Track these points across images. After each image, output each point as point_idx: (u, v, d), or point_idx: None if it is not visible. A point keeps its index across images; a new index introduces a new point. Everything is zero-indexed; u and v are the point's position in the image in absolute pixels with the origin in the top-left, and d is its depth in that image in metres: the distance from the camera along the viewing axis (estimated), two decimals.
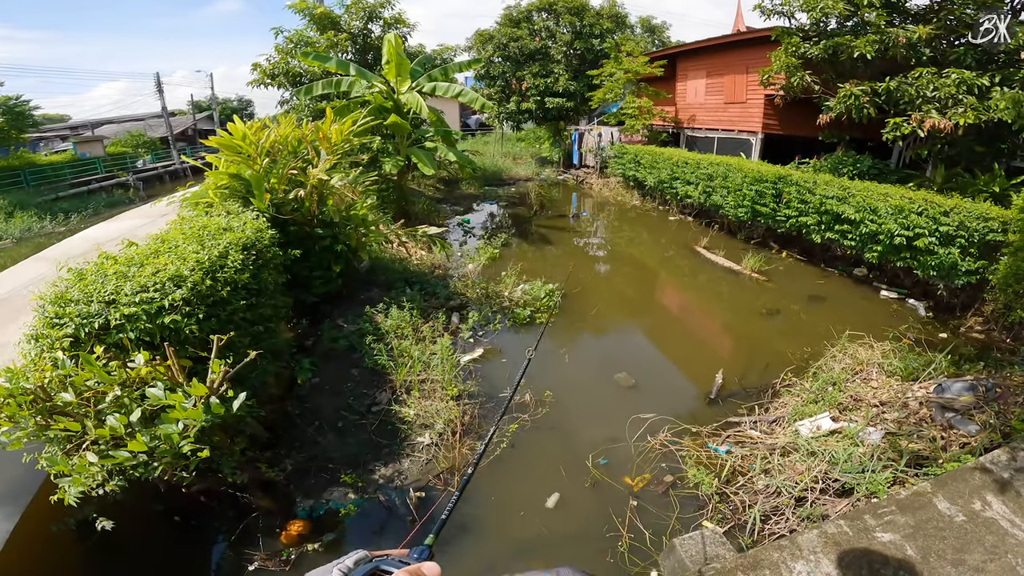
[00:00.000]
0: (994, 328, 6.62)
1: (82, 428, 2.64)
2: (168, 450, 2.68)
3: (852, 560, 2.54)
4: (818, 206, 8.83)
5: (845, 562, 2.53)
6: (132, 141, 29.34)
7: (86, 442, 2.66)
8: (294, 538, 3.48)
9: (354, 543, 3.58)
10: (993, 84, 7.51)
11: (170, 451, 2.69)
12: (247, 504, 3.65)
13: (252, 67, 13.85)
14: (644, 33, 25.12)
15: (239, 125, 5.35)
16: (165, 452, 2.68)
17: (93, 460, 2.55)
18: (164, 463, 2.72)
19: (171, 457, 2.71)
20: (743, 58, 13.59)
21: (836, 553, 2.59)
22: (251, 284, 3.99)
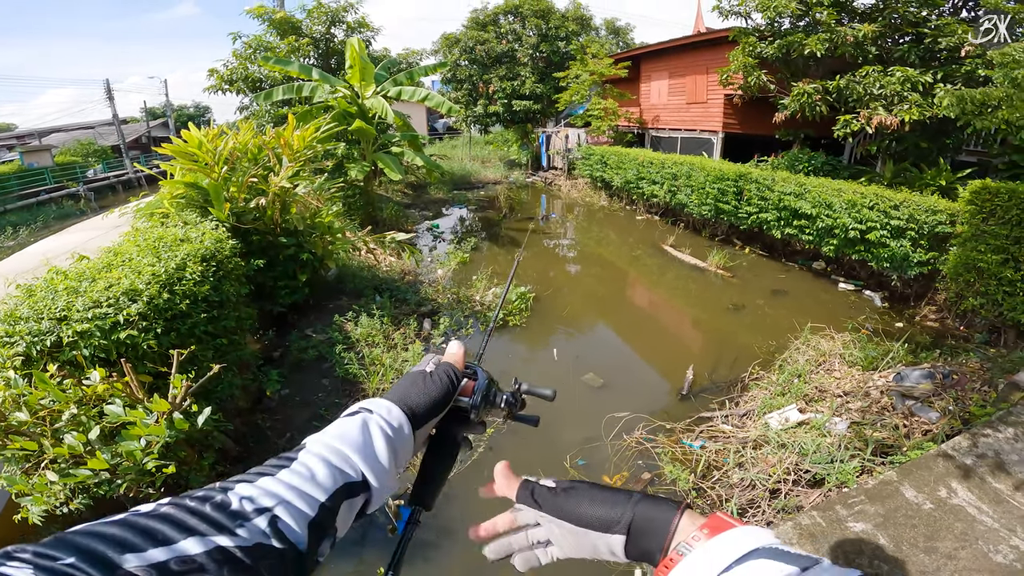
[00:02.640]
0: (947, 316, 6.94)
1: (39, 447, 2.54)
2: (131, 467, 2.61)
3: (827, 552, 2.61)
4: (777, 202, 9.10)
5: (821, 554, 2.59)
6: (82, 150, 28.07)
7: (45, 461, 2.56)
8: None
9: (333, 554, 3.49)
10: (936, 81, 7.89)
11: (133, 468, 2.63)
12: None
13: (209, 73, 13.46)
14: (609, 35, 25.55)
15: (195, 132, 5.17)
16: (128, 469, 2.61)
17: (54, 479, 2.48)
18: (128, 480, 2.66)
19: (135, 474, 2.65)
20: (703, 59, 13.93)
21: (812, 545, 2.65)
22: (212, 296, 3.86)
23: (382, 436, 0.58)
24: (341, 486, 0.52)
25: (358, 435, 0.57)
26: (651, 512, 0.55)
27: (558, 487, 0.62)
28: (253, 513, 0.44)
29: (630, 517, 0.55)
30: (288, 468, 0.51)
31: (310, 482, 0.50)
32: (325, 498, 0.50)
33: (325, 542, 0.51)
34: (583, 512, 0.58)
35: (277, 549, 0.44)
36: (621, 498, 0.57)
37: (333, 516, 0.51)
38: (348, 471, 0.54)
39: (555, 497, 0.60)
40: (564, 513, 0.59)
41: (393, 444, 0.59)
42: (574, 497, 0.59)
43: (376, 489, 0.56)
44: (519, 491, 0.64)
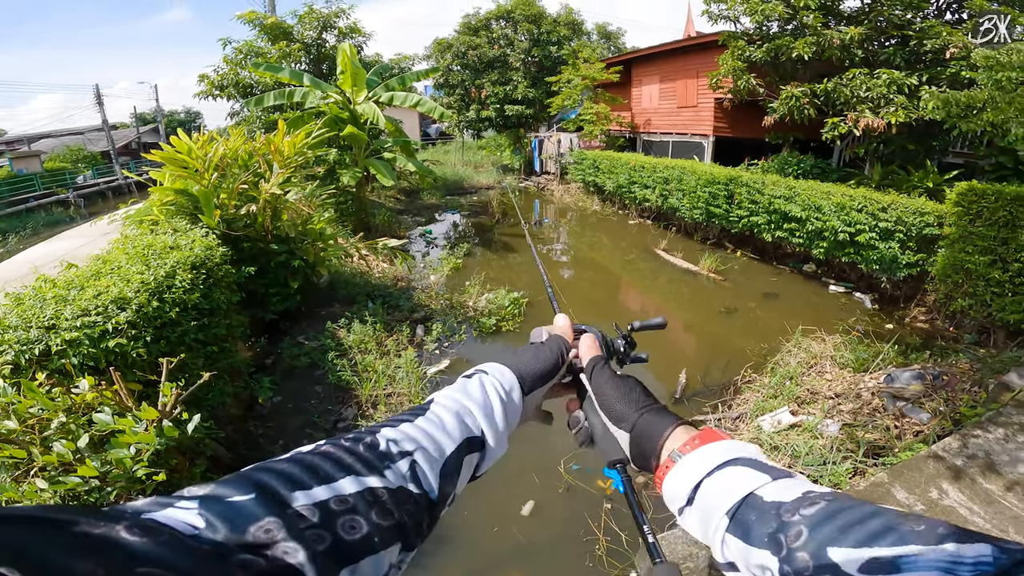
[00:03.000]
0: (937, 317, 7.00)
1: (28, 455, 2.54)
2: (121, 475, 2.60)
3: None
4: (767, 206, 9.17)
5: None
6: (72, 156, 27.85)
7: (34, 468, 2.55)
8: None
9: None
10: (921, 83, 7.99)
11: (123, 475, 2.62)
12: None
13: (199, 78, 13.39)
14: (600, 40, 25.70)
15: (184, 138, 5.14)
16: (118, 477, 2.60)
17: (43, 486, 2.47)
18: (119, 487, 2.66)
19: (125, 481, 2.65)
20: (694, 63, 14.05)
21: None
22: (202, 304, 3.83)
23: (497, 397, 0.60)
24: (464, 440, 0.54)
25: (479, 393, 0.60)
26: (653, 417, 0.62)
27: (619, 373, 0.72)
28: (398, 456, 0.46)
29: (636, 418, 0.62)
30: (424, 416, 0.53)
31: (442, 431, 0.52)
32: (452, 449, 0.52)
33: (450, 493, 0.51)
34: (608, 398, 0.66)
35: (414, 494, 0.45)
36: (636, 402, 0.64)
37: (458, 469, 0.52)
38: (470, 426, 0.56)
39: (604, 379, 0.69)
40: (600, 391, 0.68)
41: (505, 407, 0.61)
42: (612, 387, 0.67)
43: (490, 448, 0.58)
44: (592, 358, 0.73)
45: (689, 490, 0.54)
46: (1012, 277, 5.77)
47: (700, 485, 0.53)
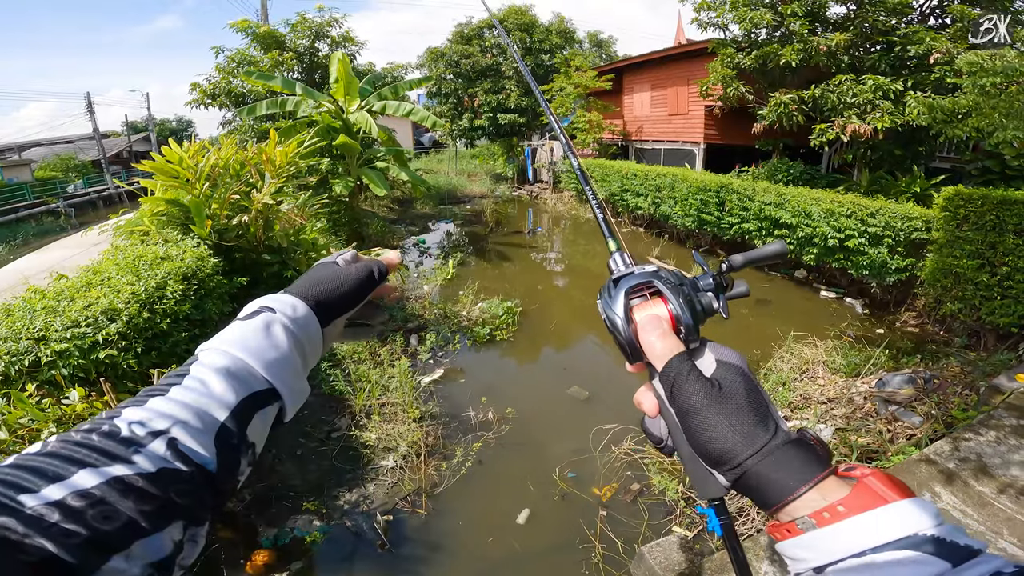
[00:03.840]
0: (927, 321, 7.07)
1: None
2: None
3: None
4: (758, 212, 9.25)
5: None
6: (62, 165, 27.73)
7: None
8: (260, 568, 3.34)
9: (324, 569, 3.49)
10: (906, 89, 8.11)
11: None
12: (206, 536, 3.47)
13: (191, 87, 13.38)
14: (592, 48, 25.96)
15: (175, 148, 5.12)
16: None
17: None
18: None
19: None
20: (684, 70, 14.20)
21: None
22: (194, 315, 3.82)
23: (288, 337, 0.52)
24: (246, 398, 0.47)
25: (261, 339, 0.50)
26: (777, 466, 0.43)
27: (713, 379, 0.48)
28: (147, 438, 0.40)
29: (747, 464, 0.43)
30: (180, 385, 0.45)
31: (207, 397, 0.45)
32: (227, 414, 0.45)
33: (241, 460, 0.46)
34: (700, 428, 0.46)
35: (184, 472, 0.40)
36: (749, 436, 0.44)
37: (242, 430, 0.46)
38: (251, 381, 0.48)
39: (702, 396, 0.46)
40: (687, 421, 0.47)
41: (301, 345, 0.53)
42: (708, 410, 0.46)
43: (287, 396, 0.51)
44: (669, 364, 0.49)
45: (820, 564, 0.40)
46: (1000, 280, 5.84)
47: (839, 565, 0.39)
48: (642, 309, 0.53)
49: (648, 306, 0.53)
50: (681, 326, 0.51)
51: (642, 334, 0.51)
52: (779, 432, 0.45)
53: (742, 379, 0.47)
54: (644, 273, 0.55)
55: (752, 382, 0.48)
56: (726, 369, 0.48)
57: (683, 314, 0.51)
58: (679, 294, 0.52)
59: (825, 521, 0.40)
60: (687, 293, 0.53)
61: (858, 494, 0.41)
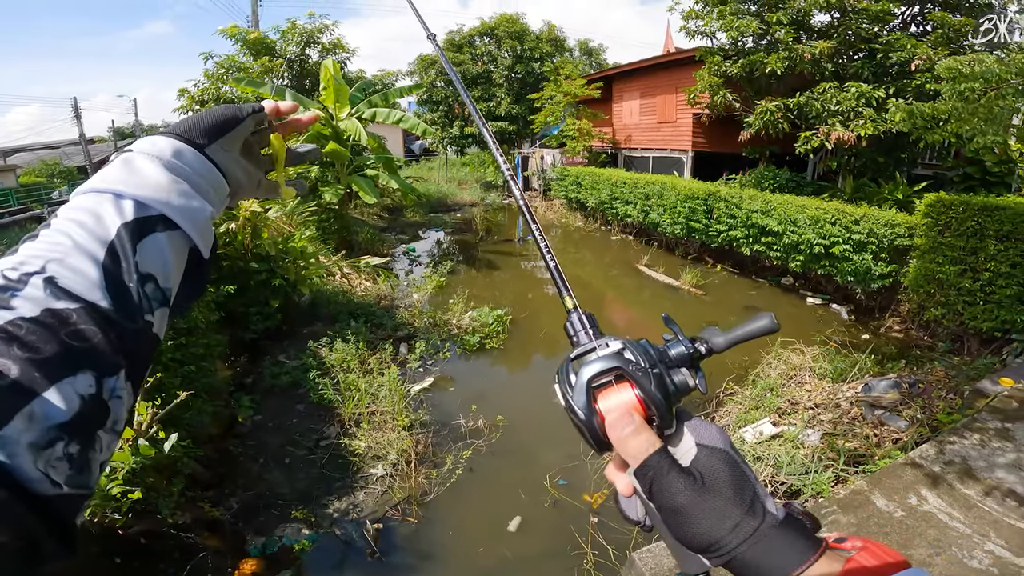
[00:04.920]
0: (911, 327, 7.16)
1: None
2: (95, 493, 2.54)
3: None
4: (745, 220, 9.34)
5: None
6: (47, 171, 27.40)
7: None
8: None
9: None
10: (888, 96, 8.26)
11: (98, 494, 2.58)
12: (193, 544, 3.43)
13: (179, 93, 13.30)
14: (582, 56, 26.20)
15: None
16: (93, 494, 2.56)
17: None
18: (93, 505, 2.65)
19: (99, 499, 2.62)
20: (672, 78, 14.35)
21: None
22: (179, 323, 3.77)
23: (155, 164, 0.48)
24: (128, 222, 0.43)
25: (122, 172, 0.47)
26: (763, 558, 0.41)
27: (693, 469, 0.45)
28: (19, 282, 0.36)
29: (736, 550, 0.41)
30: (49, 227, 0.42)
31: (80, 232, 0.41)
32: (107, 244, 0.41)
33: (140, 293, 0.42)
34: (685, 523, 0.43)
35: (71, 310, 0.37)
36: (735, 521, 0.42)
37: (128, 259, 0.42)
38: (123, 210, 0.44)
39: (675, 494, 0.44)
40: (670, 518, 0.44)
41: (176, 170, 0.49)
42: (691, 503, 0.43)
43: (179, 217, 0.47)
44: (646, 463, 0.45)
45: None
46: (983, 286, 5.94)
47: None
48: (607, 397, 0.48)
49: (613, 392, 0.47)
50: (653, 413, 0.46)
51: (611, 431, 0.47)
52: (767, 515, 0.43)
53: (726, 465, 0.45)
54: (608, 356, 0.49)
55: (736, 466, 0.45)
56: (709, 455, 0.46)
57: (654, 400, 0.46)
58: (650, 378, 0.47)
59: None
60: (658, 373, 0.48)
61: (852, 569, 0.40)
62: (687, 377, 0.48)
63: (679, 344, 0.51)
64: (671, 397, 0.47)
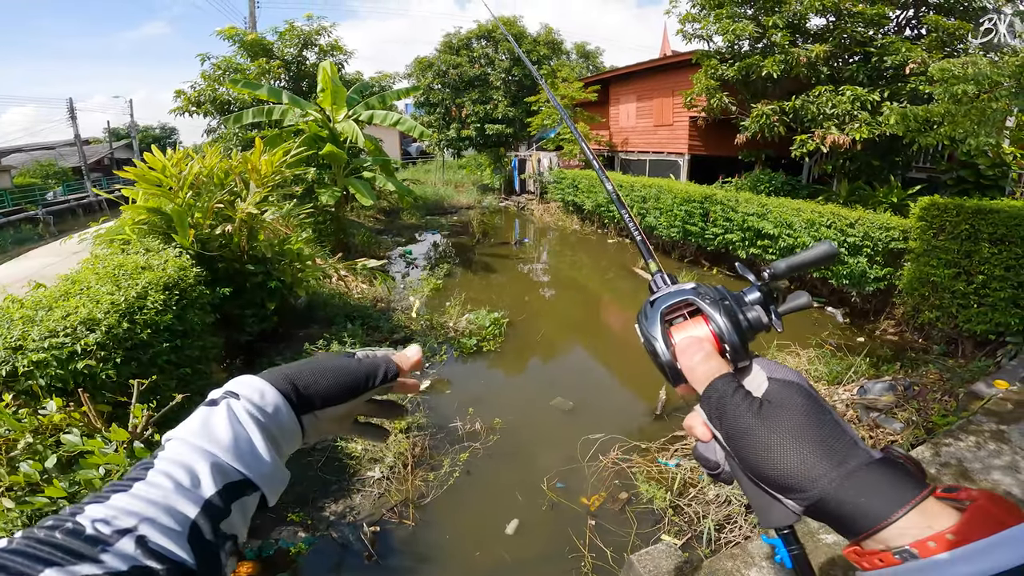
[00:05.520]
0: (906, 329, 7.20)
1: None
2: None
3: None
4: (741, 223, 9.37)
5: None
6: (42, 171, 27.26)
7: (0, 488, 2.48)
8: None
9: None
10: (883, 99, 8.31)
11: None
12: None
13: (176, 94, 13.25)
14: (579, 59, 26.22)
15: (158, 156, 5.07)
16: None
17: (10, 506, 2.42)
18: None
19: None
20: (669, 81, 14.41)
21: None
22: (175, 325, 3.75)
23: (255, 425, 0.50)
24: (218, 491, 0.45)
25: (225, 427, 0.48)
26: (859, 497, 0.38)
27: (764, 399, 0.44)
28: (114, 536, 0.38)
29: (824, 489, 0.39)
30: (144, 480, 0.44)
31: (175, 493, 0.43)
32: (198, 510, 0.43)
33: (221, 554, 0.44)
34: (758, 455, 0.42)
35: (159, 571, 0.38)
36: (822, 459, 0.39)
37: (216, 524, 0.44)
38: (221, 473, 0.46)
39: (750, 416, 0.43)
40: (738, 444, 0.43)
41: (270, 431, 0.51)
42: (764, 433, 0.42)
43: (263, 484, 0.49)
44: (712, 385, 0.46)
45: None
46: (976, 289, 5.98)
47: None
48: (681, 330, 0.50)
49: (687, 327, 0.50)
50: (726, 345, 0.47)
51: (682, 358, 0.48)
52: (859, 451, 0.40)
53: (801, 396, 0.43)
54: (681, 291, 0.51)
55: (814, 399, 0.43)
56: (780, 387, 0.45)
57: (726, 332, 0.47)
58: (720, 310, 0.48)
59: (930, 551, 0.35)
60: (730, 308, 0.49)
61: (970, 520, 0.36)
62: (760, 314, 0.49)
63: (753, 288, 0.52)
64: (743, 331, 0.48)
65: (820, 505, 0.39)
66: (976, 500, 0.37)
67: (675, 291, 0.51)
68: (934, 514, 0.37)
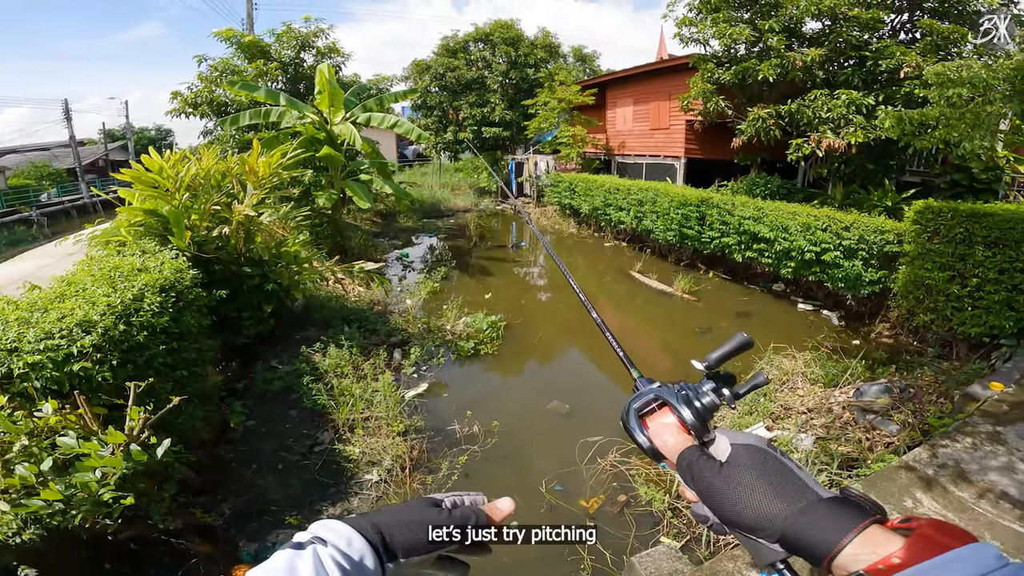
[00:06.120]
0: (901, 332, 7.24)
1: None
2: (86, 498, 2.55)
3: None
4: (737, 227, 9.41)
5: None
6: (36, 172, 27.07)
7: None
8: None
9: None
10: (878, 103, 8.36)
11: (89, 499, 2.56)
12: (185, 550, 3.39)
13: (172, 95, 13.21)
14: (576, 62, 26.28)
15: (155, 157, 5.05)
16: (83, 500, 2.55)
17: (5, 508, 2.41)
18: (84, 511, 2.60)
19: (90, 505, 2.60)
20: (666, 85, 14.46)
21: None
22: (171, 328, 3.73)
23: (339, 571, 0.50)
24: None
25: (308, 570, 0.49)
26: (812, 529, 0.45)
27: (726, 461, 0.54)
28: None
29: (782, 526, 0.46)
30: None
31: None
32: None
33: None
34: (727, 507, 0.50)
35: None
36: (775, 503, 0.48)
37: None
38: None
39: (711, 475, 0.53)
40: (710, 500, 0.52)
41: None
42: (728, 488, 0.51)
43: None
44: (680, 456, 0.57)
45: None
46: (971, 292, 6.02)
47: None
48: (653, 420, 0.63)
49: (658, 416, 0.63)
50: (688, 426, 0.59)
51: (655, 439, 0.60)
52: (808, 492, 0.48)
53: (757, 454, 0.53)
54: (650, 390, 0.65)
55: (767, 455, 0.52)
56: (739, 449, 0.54)
57: (687, 417, 0.60)
58: (680, 401, 0.61)
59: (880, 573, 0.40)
60: (687, 398, 0.61)
61: (914, 544, 0.40)
62: (713, 398, 0.61)
63: (705, 379, 0.63)
64: (702, 414, 0.60)
65: (783, 540, 0.47)
66: (920, 528, 0.42)
67: (645, 392, 0.65)
68: (879, 542, 0.42)
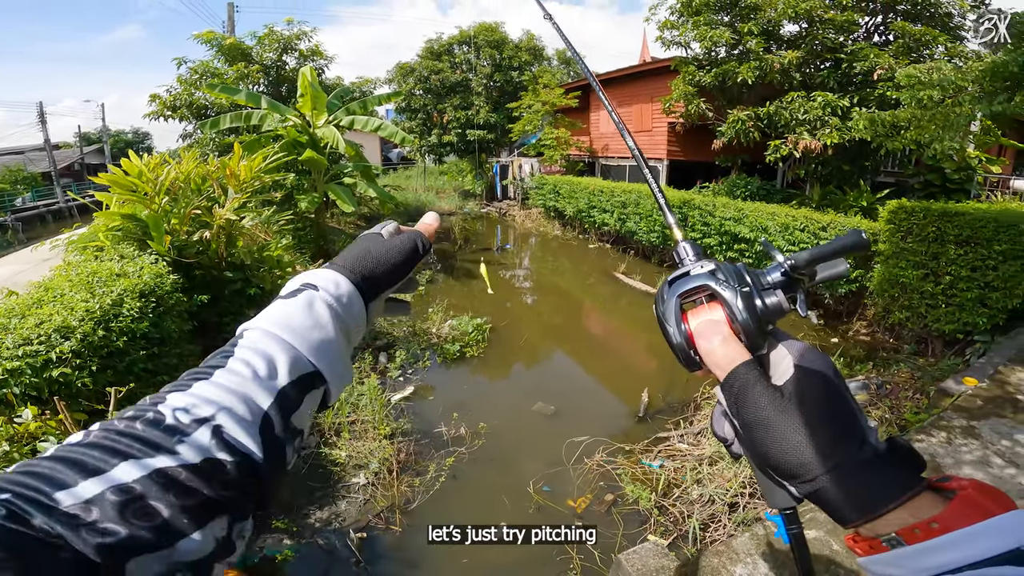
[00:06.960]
0: (877, 330, 7.40)
1: None
2: None
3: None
4: (718, 227, 9.54)
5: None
6: (10, 176, 26.35)
7: None
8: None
9: None
10: (853, 105, 8.56)
11: None
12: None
13: (151, 98, 13.00)
14: (560, 65, 26.37)
15: (135, 161, 4.97)
16: None
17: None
18: None
19: None
20: (648, 88, 14.62)
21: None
22: (151, 333, 3.68)
23: (332, 316, 0.49)
24: (292, 382, 0.44)
25: (304, 319, 0.47)
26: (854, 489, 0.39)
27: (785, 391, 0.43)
28: (192, 425, 0.38)
29: (823, 478, 0.40)
30: (225, 368, 0.43)
31: (252, 382, 0.42)
32: (271, 400, 0.42)
33: (287, 447, 0.44)
34: (770, 442, 0.42)
35: (228, 463, 0.38)
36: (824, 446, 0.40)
37: (287, 417, 0.43)
38: (297, 364, 0.45)
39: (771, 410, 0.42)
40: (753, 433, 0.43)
41: (345, 324, 0.50)
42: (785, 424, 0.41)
43: (332, 379, 0.48)
44: (733, 374, 0.45)
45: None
46: (944, 289, 6.18)
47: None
48: (696, 315, 0.48)
49: (703, 311, 0.48)
50: (740, 331, 0.46)
51: (699, 341, 0.47)
52: (865, 444, 0.41)
53: (822, 386, 0.43)
54: (699, 275, 0.49)
55: (835, 388, 0.43)
56: (805, 375, 0.43)
57: (741, 318, 0.46)
58: (738, 296, 0.46)
59: (915, 538, 0.37)
60: (748, 294, 0.46)
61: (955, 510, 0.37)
62: (781, 300, 0.46)
63: (775, 268, 0.49)
64: (761, 318, 0.46)
65: (819, 494, 0.40)
66: (964, 489, 0.38)
67: (694, 275, 0.49)
68: (923, 506, 0.38)
